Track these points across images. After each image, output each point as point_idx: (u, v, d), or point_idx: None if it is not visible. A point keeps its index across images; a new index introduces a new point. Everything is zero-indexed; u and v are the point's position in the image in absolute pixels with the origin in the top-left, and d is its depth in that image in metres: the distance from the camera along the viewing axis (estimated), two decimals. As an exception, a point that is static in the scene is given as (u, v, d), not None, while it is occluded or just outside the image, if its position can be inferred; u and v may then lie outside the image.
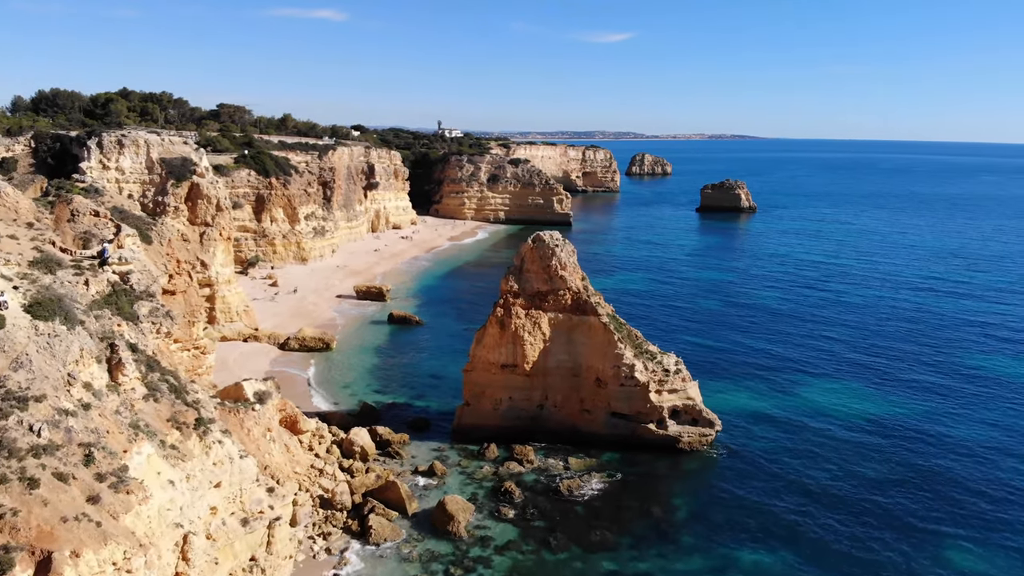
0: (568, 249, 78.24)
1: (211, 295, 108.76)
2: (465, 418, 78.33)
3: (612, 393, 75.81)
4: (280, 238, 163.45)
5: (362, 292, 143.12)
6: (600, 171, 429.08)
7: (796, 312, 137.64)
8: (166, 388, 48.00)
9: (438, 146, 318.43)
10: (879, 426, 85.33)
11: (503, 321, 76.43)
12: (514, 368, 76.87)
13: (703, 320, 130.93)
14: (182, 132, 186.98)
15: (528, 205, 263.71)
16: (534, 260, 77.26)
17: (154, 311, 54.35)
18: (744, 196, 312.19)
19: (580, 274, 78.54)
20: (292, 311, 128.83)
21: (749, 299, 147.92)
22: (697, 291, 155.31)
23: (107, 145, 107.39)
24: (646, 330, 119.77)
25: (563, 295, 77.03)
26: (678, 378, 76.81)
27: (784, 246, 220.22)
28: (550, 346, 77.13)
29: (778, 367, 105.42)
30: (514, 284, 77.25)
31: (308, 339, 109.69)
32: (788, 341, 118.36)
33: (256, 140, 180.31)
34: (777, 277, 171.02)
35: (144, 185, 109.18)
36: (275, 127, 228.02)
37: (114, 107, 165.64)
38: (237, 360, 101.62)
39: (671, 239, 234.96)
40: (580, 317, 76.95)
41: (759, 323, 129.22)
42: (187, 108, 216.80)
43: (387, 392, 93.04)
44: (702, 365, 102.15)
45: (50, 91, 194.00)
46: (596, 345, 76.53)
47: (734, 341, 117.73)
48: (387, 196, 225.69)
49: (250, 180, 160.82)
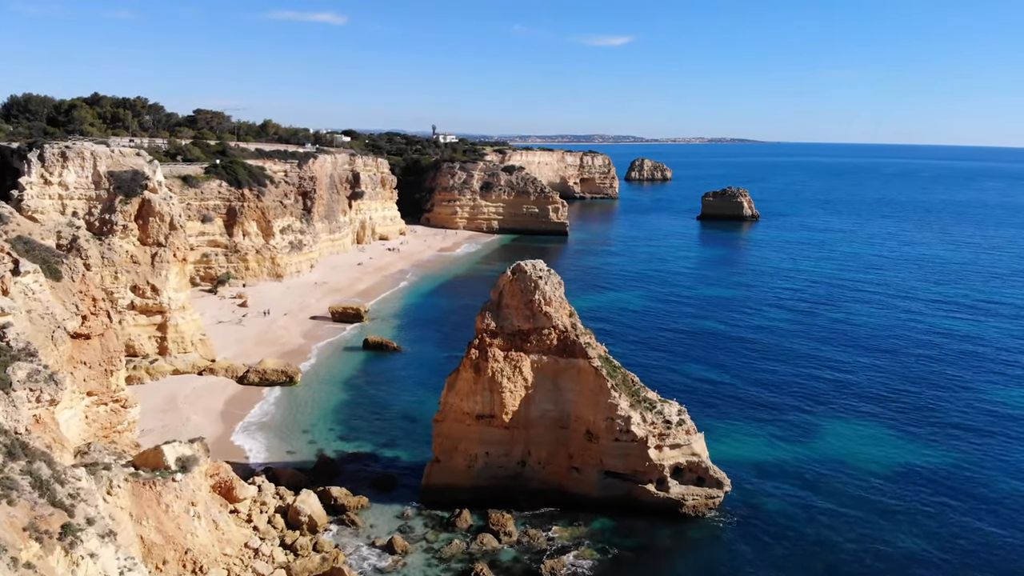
0: (554, 281, 67.66)
1: (163, 323, 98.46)
2: (435, 477, 67.71)
3: (605, 449, 65.24)
4: (253, 253, 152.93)
5: (338, 314, 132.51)
6: (598, 177, 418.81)
7: (806, 336, 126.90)
8: (27, 484, 37.34)
9: (431, 152, 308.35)
10: (908, 479, 74.75)
11: (478, 364, 65.85)
12: (491, 419, 66.29)
13: (705, 345, 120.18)
14: (155, 139, 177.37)
15: (523, 214, 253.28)
16: (514, 294, 66.72)
17: (33, 375, 43.77)
18: (746, 204, 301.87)
19: (568, 309, 67.97)
20: (258, 336, 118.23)
21: (755, 320, 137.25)
22: (699, 311, 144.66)
23: (49, 158, 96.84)
24: (643, 358, 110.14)
25: (548, 334, 66.46)
26: (681, 431, 66.23)
27: (789, 258, 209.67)
28: (533, 394, 66.56)
29: (790, 404, 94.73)
30: (491, 322, 66.68)
31: (269, 371, 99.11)
32: (799, 371, 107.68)
33: (231, 148, 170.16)
34: (783, 295, 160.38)
35: (90, 202, 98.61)
36: (255, 134, 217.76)
37: (77, 114, 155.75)
38: (188, 397, 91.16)
39: (671, 251, 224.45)
40: (568, 360, 66.38)
41: (767, 349, 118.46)
42: (162, 114, 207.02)
43: (351, 438, 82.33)
44: (705, 402, 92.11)
45: (22, 96, 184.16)
46: (586, 393, 65.96)
47: (740, 372, 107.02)
48: (373, 206, 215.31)
49: (221, 192, 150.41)
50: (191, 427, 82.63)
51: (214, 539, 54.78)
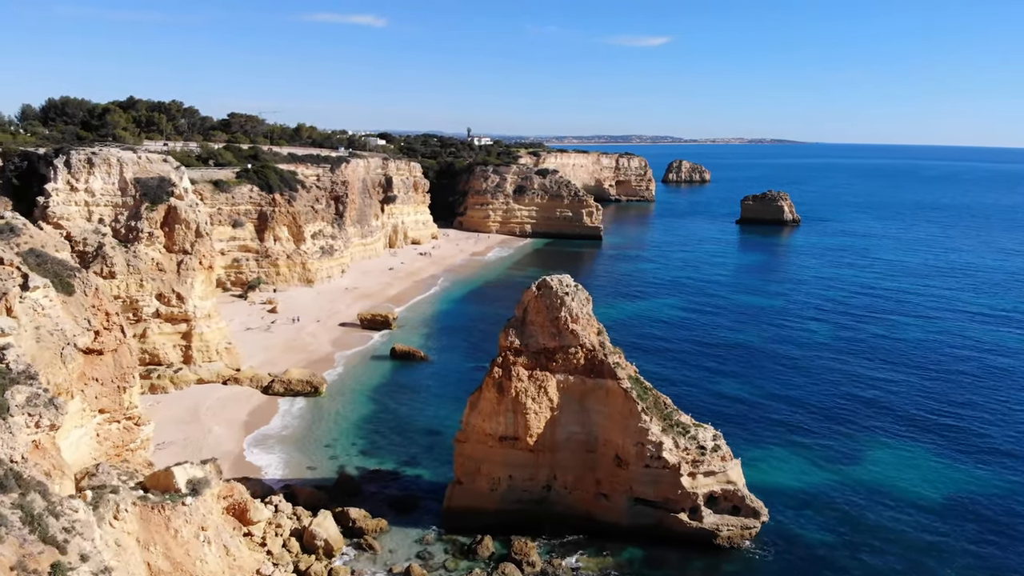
0: (581, 297, 64.58)
1: (188, 332, 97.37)
2: (456, 499, 65.06)
3: (635, 475, 61.99)
4: (284, 259, 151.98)
5: (366, 320, 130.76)
6: (634, 179, 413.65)
7: (847, 351, 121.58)
8: (17, 519, 35.51)
9: (465, 155, 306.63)
10: (954, 510, 70.33)
11: (501, 384, 63.05)
12: (515, 441, 63.44)
13: (740, 361, 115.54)
14: (188, 143, 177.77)
15: (556, 218, 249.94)
16: (539, 310, 63.76)
17: (33, 399, 42.00)
18: (787, 208, 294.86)
19: (596, 327, 64.81)
20: (286, 344, 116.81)
21: (793, 333, 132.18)
22: (735, 322, 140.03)
23: (75, 164, 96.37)
24: (674, 374, 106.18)
25: (574, 353, 63.40)
26: (716, 457, 62.69)
27: (831, 266, 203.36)
28: (559, 415, 63.55)
29: (829, 427, 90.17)
30: (515, 339, 63.82)
31: (294, 382, 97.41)
32: (840, 391, 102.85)
33: (263, 153, 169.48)
34: (824, 306, 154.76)
35: (116, 208, 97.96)
36: (288, 137, 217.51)
37: (111, 118, 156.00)
38: (211, 408, 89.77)
39: (708, 257, 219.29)
40: (595, 380, 63.25)
41: (805, 366, 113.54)
42: (197, 118, 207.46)
43: (374, 454, 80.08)
44: (740, 423, 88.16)
45: (60, 99, 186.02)
46: (615, 416, 62.77)
47: (777, 390, 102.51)
48: (406, 210, 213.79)
49: (252, 196, 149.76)
50: (212, 439, 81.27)
51: (224, 565, 52.75)
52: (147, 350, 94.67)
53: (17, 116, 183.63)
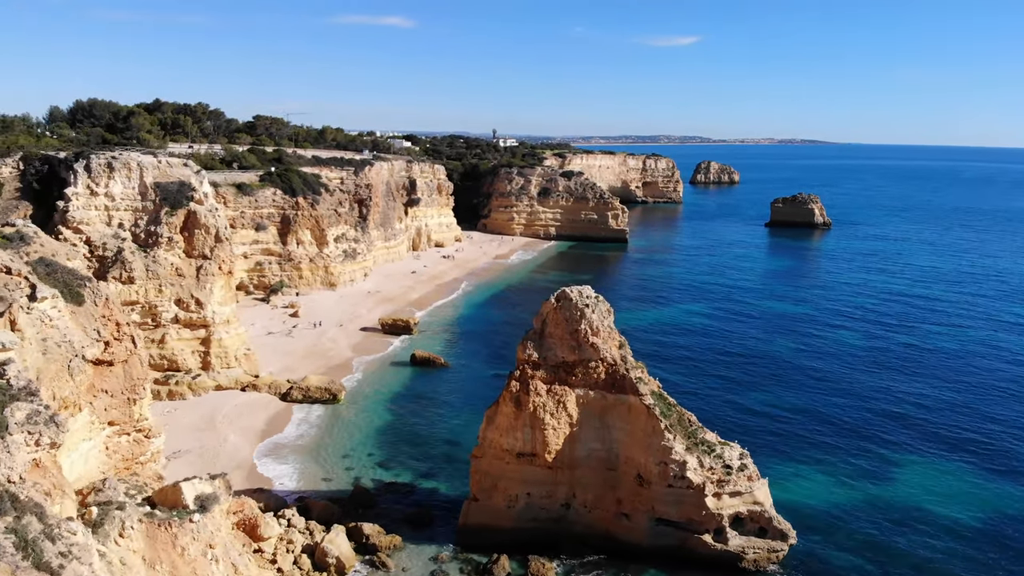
0: (602, 309, 62.42)
1: (206, 337, 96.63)
2: (472, 516, 63.23)
3: (657, 495, 59.73)
4: (307, 262, 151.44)
5: (387, 325, 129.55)
6: (662, 181, 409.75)
7: (879, 363, 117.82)
8: (11, 544, 34.29)
9: (490, 156, 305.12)
10: (992, 532, 67.25)
11: (519, 398, 61.12)
12: (533, 458, 61.46)
13: (768, 372, 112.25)
14: (213, 146, 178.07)
15: (581, 221, 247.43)
16: (558, 323, 61.73)
17: (33, 416, 40.82)
18: (818, 211, 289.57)
19: (617, 340, 62.62)
20: (306, 350, 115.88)
21: (823, 343, 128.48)
22: (762, 331, 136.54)
23: (95, 169, 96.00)
24: (698, 385, 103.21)
25: (595, 367, 61.27)
26: (743, 476, 60.23)
27: (862, 271, 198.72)
28: (578, 431, 61.47)
29: (861, 443, 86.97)
30: (533, 352, 61.85)
31: (313, 389, 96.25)
32: (871, 404, 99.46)
33: (287, 156, 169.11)
34: (855, 313, 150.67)
35: (136, 213, 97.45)
36: (313, 140, 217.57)
37: (135, 121, 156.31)
38: (228, 415, 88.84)
39: (737, 261, 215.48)
40: (617, 396, 61.06)
41: (835, 378, 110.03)
42: (222, 120, 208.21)
43: (390, 465, 78.53)
44: (767, 439, 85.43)
45: (87, 101, 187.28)
46: (637, 433, 60.54)
47: (806, 404, 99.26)
48: (429, 213, 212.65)
49: (275, 200, 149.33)
50: (228, 448, 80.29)
51: (232, 585, 51.40)
52: (165, 356, 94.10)
53: (45, 118, 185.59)
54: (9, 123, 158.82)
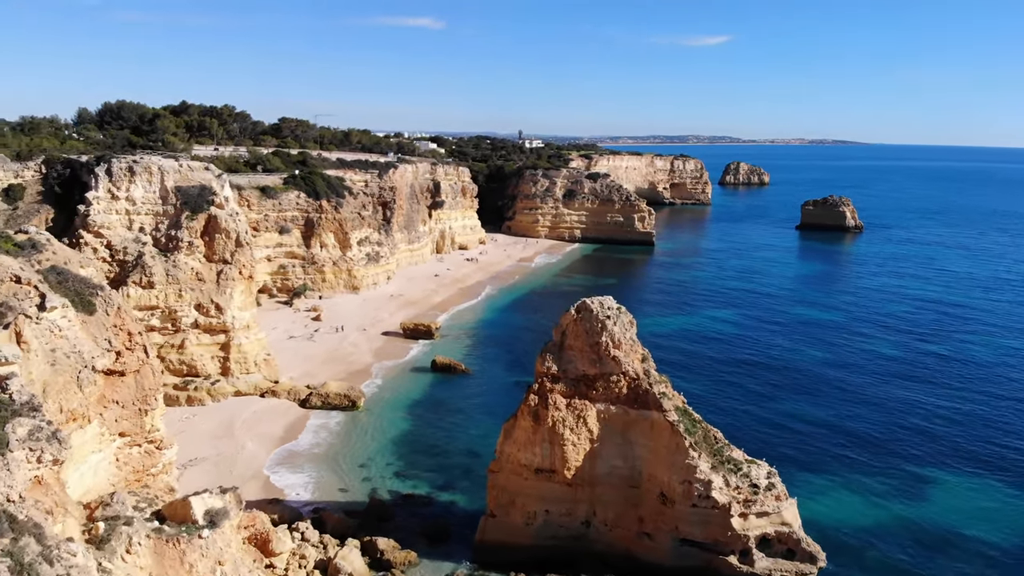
0: (624, 321, 60.34)
1: (226, 343, 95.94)
2: (490, 533, 61.51)
3: (681, 514, 57.55)
4: (330, 265, 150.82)
5: (409, 330, 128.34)
6: (690, 182, 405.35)
7: (912, 374, 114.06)
8: (6, 568, 33.32)
9: (515, 158, 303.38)
10: (1042, 557, 63.95)
11: (537, 412, 59.29)
12: (552, 474, 59.60)
13: (797, 383, 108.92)
14: (238, 148, 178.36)
15: (607, 223, 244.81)
16: (578, 335, 59.78)
17: (35, 432, 39.78)
18: (849, 214, 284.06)
19: (640, 353, 60.52)
20: (327, 354, 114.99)
21: (854, 353, 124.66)
22: (792, 338, 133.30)
23: (116, 172, 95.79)
24: (724, 396, 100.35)
25: (616, 381, 59.24)
26: (770, 496, 57.84)
27: (895, 277, 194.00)
28: (599, 447, 59.49)
29: (893, 456, 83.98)
30: (552, 365, 59.97)
31: (332, 396, 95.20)
32: (905, 416, 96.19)
33: (312, 158, 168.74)
34: (887, 321, 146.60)
35: (157, 217, 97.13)
36: (338, 142, 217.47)
37: (160, 123, 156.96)
38: (246, 422, 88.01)
39: (766, 265, 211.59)
40: (639, 412, 58.98)
41: (867, 390, 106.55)
42: (248, 122, 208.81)
43: (408, 475, 77.06)
44: (795, 455, 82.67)
45: (115, 103, 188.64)
46: (660, 450, 58.42)
47: (836, 415, 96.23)
48: (453, 215, 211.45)
49: (299, 203, 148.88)
50: (245, 456, 79.39)
51: (241, 603, 50.17)
52: (185, 361, 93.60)
53: (74, 120, 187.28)
54: (36, 125, 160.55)
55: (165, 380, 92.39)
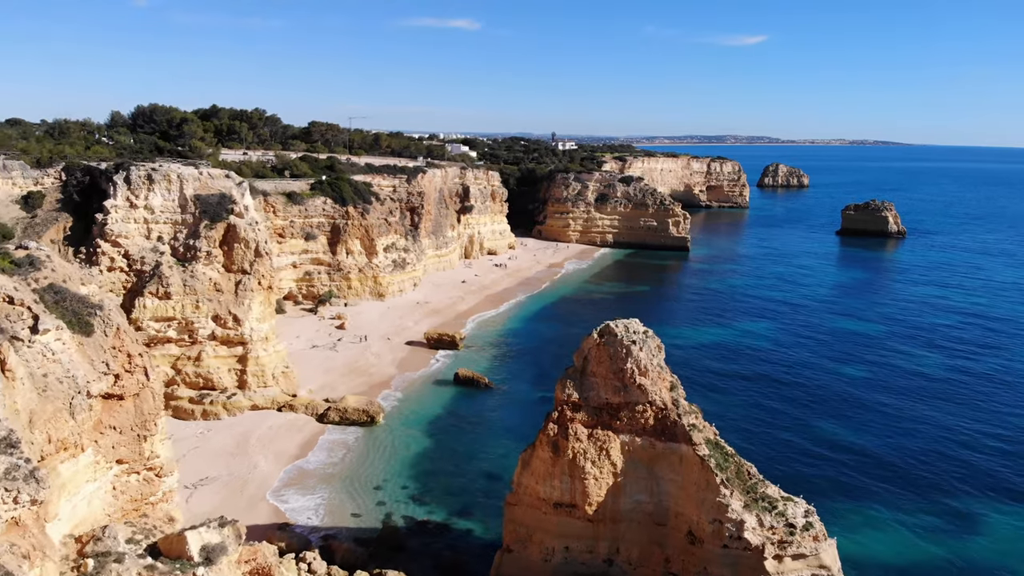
0: (651, 346, 56.32)
1: (243, 355, 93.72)
2: (506, 568, 57.96)
3: (710, 555, 53.38)
4: (356, 272, 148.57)
5: (433, 340, 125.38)
6: (727, 185, 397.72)
7: (959, 393, 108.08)
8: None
9: (548, 161, 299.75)
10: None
11: (557, 443, 55.55)
12: (572, 508, 55.82)
13: (836, 402, 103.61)
14: (267, 152, 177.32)
15: (640, 228, 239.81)
16: (601, 360, 55.92)
17: (11, 471, 37.15)
18: (892, 219, 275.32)
19: (668, 381, 56.45)
20: (348, 365, 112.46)
21: (896, 371, 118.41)
22: (831, 353, 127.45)
23: (135, 180, 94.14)
24: (758, 419, 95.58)
25: (642, 411, 55.27)
26: (807, 537, 53.36)
27: (940, 286, 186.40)
28: (623, 482, 55.56)
29: (939, 487, 78.67)
30: (573, 392, 56.18)
31: (350, 410, 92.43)
32: (951, 444, 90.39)
33: (340, 163, 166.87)
34: (932, 335, 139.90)
35: (176, 226, 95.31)
36: (368, 147, 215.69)
37: (187, 128, 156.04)
38: (261, 438, 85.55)
39: (806, 273, 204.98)
40: (667, 444, 54.94)
41: (910, 411, 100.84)
42: (279, 126, 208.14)
43: (424, 500, 73.84)
44: (832, 485, 77.92)
45: (148, 106, 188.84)
46: (689, 486, 54.32)
47: (877, 442, 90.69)
48: (482, 220, 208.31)
49: (326, 209, 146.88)
50: (257, 476, 76.87)
51: (238, 646, 47.29)
52: (201, 374, 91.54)
53: (107, 123, 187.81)
54: (66, 129, 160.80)
55: (180, 393, 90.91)
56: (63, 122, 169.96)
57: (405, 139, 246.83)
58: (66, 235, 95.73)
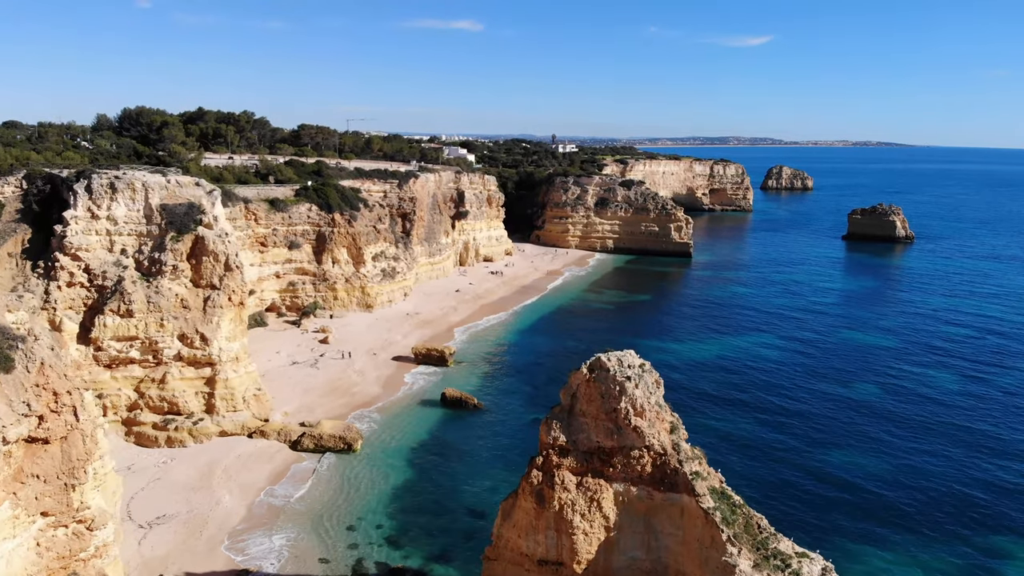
0: (648, 382, 49.70)
1: (211, 377, 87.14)
2: (484, 631, 51.39)
3: (714, 622, 46.74)
4: (342, 282, 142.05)
5: (421, 355, 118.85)
6: (730, 188, 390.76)
7: (979, 411, 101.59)
8: None
9: (547, 164, 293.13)
10: None
11: (542, 493, 48.96)
12: (559, 567, 49.21)
13: (848, 424, 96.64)
14: (254, 156, 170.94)
15: (641, 233, 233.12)
16: (592, 399, 49.31)
17: None
18: (899, 224, 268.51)
19: (668, 422, 49.83)
20: (329, 384, 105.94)
21: (909, 387, 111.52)
22: (841, 369, 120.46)
23: (97, 189, 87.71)
24: (762, 442, 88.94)
25: (639, 457, 48.65)
26: (826, 601, 46.73)
27: (952, 294, 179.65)
28: (616, 537, 48.95)
29: (964, 523, 71.99)
30: (560, 435, 49.57)
31: (326, 437, 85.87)
32: (972, 470, 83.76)
33: (327, 168, 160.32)
34: (946, 347, 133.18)
35: (140, 238, 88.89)
36: (359, 151, 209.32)
37: (167, 132, 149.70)
38: (228, 469, 79.04)
39: (812, 280, 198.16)
40: (666, 495, 48.32)
41: (928, 431, 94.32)
42: (267, 129, 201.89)
43: (401, 542, 67.22)
44: (848, 518, 70.97)
45: (135, 109, 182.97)
46: (691, 542, 47.71)
47: (893, 468, 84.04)
48: (478, 226, 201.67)
49: (310, 216, 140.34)
50: (219, 513, 70.34)
51: None
52: (165, 398, 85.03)
53: (92, 126, 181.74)
54: (44, 133, 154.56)
55: (143, 418, 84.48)
56: (47, 125, 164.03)
57: (398, 143, 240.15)
58: (24, 248, 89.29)
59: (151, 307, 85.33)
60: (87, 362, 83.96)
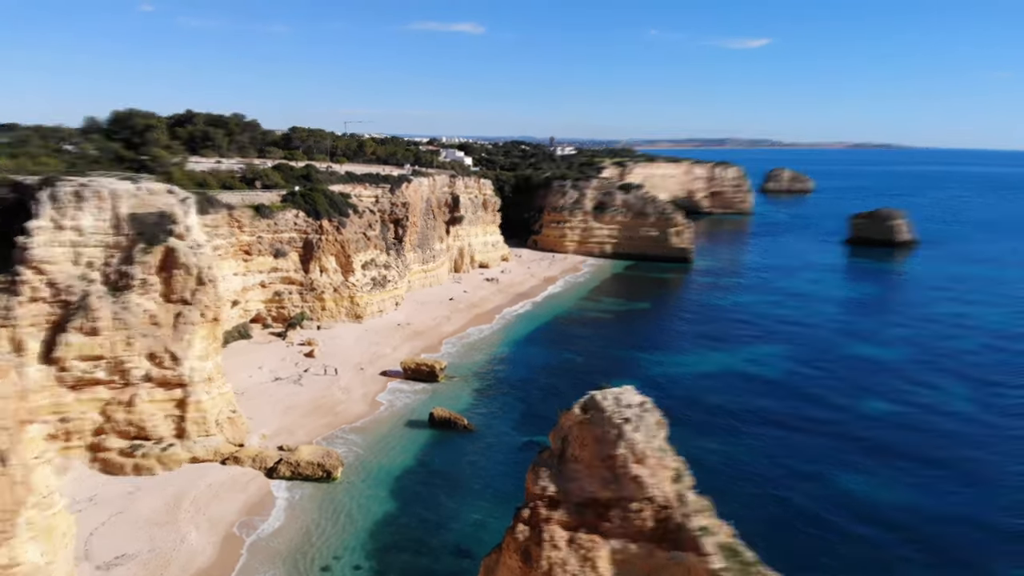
0: (649, 423, 44.39)
1: (182, 399, 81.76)
2: None
3: None
4: (330, 291, 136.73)
5: (410, 370, 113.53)
6: (730, 191, 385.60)
7: (995, 430, 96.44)
8: None
9: (545, 167, 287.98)
10: None
11: (528, 550, 43.65)
12: (548, 632, 43.95)
13: (857, 450, 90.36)
14: (242, 160, 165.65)
15: (640, 237, 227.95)
16: (586, 444, 44.01)
17: None
18: (903, 228, 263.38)
19: (671, 470, 44.48)
20: (313, 402, 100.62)
21: (920, 405, 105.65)
22: (845, 384, 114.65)
23: (62, 198, 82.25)
24: (768, 465, 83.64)
25: (638, 510, 43.30)
26: (848, 674, 41.49)
27: (960, 303, 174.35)
28: (612, 599, 43.70)
29: (989, 562, 66.88)
30: (549, 484, 44.23)
31: (304, 464, 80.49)
32: (995, 502, 78.52)
33: (317, 172, 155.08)
34: (956, 359, 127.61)
35: (108, 250, 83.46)
36: (351, 154, 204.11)
37: (151, 135, 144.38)
38: (197, 500, 73.66)
39: (813, 287, 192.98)
40: (670, 554, 42.98)
41: (944, 456, 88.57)
42: (258, 132, 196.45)
43: (380, 586, 62.07)
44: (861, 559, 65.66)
45: (125, 111, 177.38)
46: (695, 607, 42.45)
47: (914, 499, 78.42)
48: (473, 231, 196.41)
49: (297, 223, 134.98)
50: (184, 553, 65.03)
51: None
52: (133, 421, 79.62)
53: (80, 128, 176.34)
54: (25, 137, 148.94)
55: (109, 444, 79.14)
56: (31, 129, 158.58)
57: (392, 146, 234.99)
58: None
59: (118, 324, 79.95)
60: (50, 383, 78.68)
